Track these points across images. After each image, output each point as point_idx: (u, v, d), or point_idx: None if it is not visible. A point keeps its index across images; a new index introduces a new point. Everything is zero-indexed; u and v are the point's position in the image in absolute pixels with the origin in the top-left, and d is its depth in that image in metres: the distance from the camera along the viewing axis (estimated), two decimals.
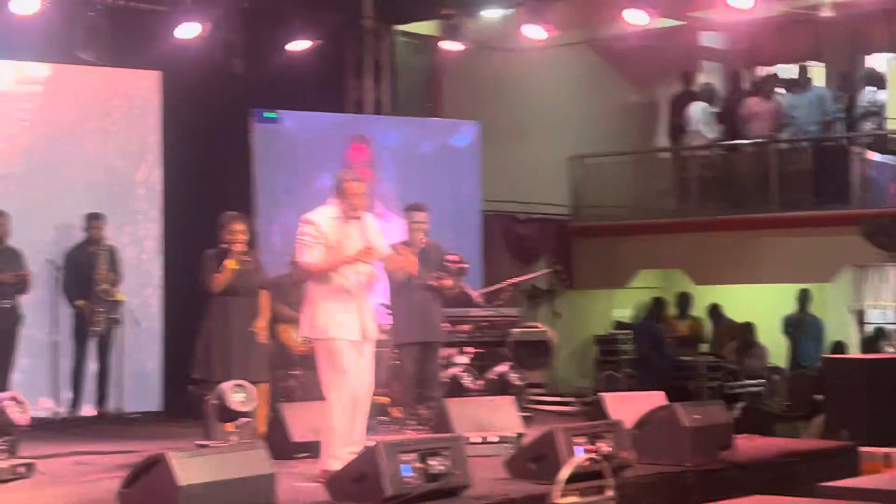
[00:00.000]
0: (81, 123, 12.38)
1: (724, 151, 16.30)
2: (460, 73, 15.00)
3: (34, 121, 12.14)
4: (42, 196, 12.05)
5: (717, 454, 8.28)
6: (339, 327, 7.43)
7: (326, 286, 7.47)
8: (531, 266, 15.60)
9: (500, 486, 7.16)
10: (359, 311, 7.50)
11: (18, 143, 12.09)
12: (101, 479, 7.67)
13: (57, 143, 12.23)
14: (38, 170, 12.10)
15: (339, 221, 7.54)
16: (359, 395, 7.54)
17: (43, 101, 12.23)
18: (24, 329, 11.25)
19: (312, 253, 7.44)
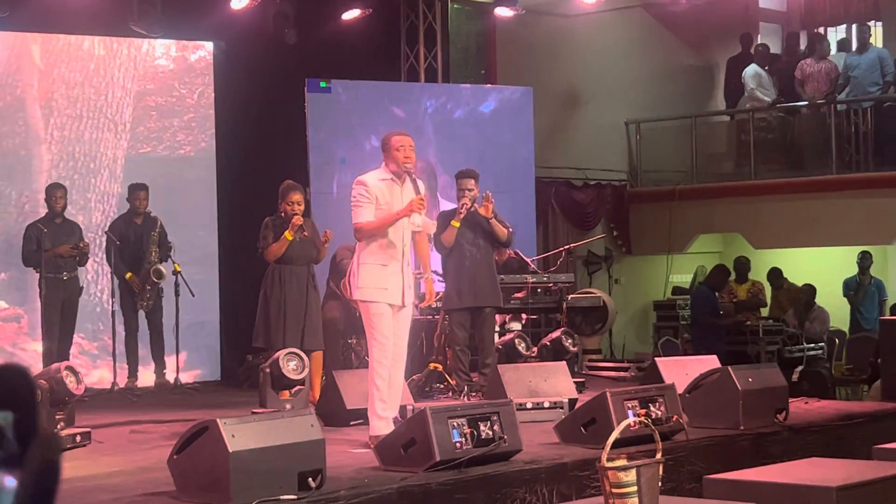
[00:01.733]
0: (134, 96, 12.47)
1: (781, 114, 16.11)
2: (514, 39, 14.96)
3: (86, 93, 12.25)
4: (95, 168, 12.19)
5: (771, 417, 8.21)
6: (383, 291, 7.49)
7: (374, 251, 7.52)
8: (588, 232, 15.56)
9: (550, 451, 7.15)
10: (401, 277, 7.54)
11: (71, 115, 12.21)
12: (156, 447, 7.75)
13: (109, 115, 12.35)
14: (92, 142, 12.23)
15: (388, 182, 7.60)
16: (395, 359, 7.61)
17: (96, 73, 12.33)
18: (83, 299, 11.39)
19: (364, 212, 7.50)
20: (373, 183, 7.56)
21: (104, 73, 12.48)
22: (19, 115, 12.09)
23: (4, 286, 11.79)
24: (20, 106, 12.09)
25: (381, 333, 7.49)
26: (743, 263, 15.01)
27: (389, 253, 7.53)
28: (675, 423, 7.42)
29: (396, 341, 7.60)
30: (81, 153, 12.36)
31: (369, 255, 7.55)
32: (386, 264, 7.51)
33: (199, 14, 12.05)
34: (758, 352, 13.69)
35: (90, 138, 12.41)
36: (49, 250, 10.88)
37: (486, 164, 12.85)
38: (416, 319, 11.42)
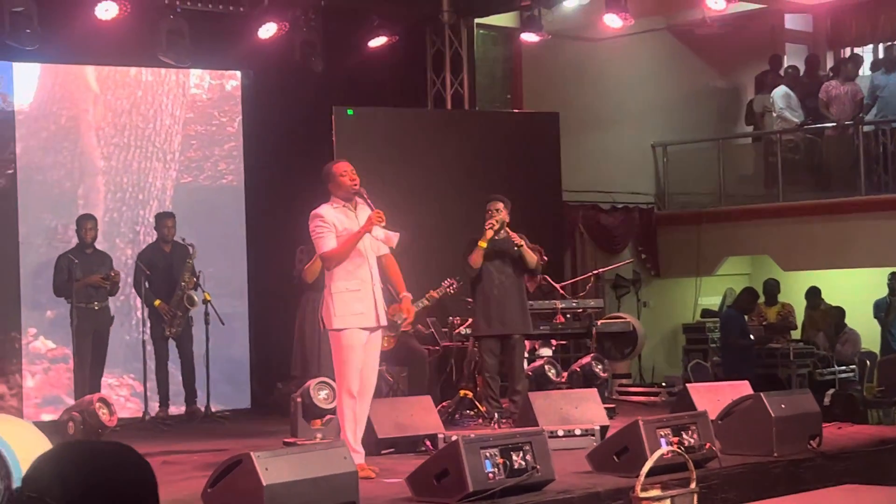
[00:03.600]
0: (152, 128, 12.53)
1: (809, 135, 16.08)
2: (540, 64, 14.99)
3: (134, 121, 12.33)
4: (101, 198, 12.24)
5: (804, 444, 8.18)
6: (360, 317, 7.63)
7: (343, 277, 7.65)
8: (616, 255, 15.54)
9: (583, 480, 7.14)
10: (373, 298, 7.67)
11: (119, 143, 12.30)
12: (189, 479, 7.76)
13: (137, 145, 12.42)
14: (120, 171, 12.30)
15: (341, 208, 7.76)
16: (366, 381, 7.75)
17: (143, 101, 12.41)
18: (115, 329, 11.43)
19: (327, 241, 7.65)
20: (327, 212, 7.72)
21: (152, 100, 12.56)
22: (64, 145, 12.14)
23: (51, 325, 11.64)
24: (64, 136, 12.13)
25: (350, 364, 7.60)
26: (772, 286, 14.97)
27: (358, 276, 7.67)
28: (707, 450, 7.41)
29: (367, 367, 7.72)
30: (130, 183, 12.42)
31: (339, 282, 7.67)
32: (358, 289, 7.65)
33: (227, 44, 12.12)
34: (788, 375, 13.65)
35: (138, 168, 12.48)
36: (80, 280, 10.92)
37: (513, 188, 12.86)
38: (446, 346, 11.48)
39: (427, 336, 11.69)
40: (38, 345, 11.70)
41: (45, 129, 12.06)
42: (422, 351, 10.96)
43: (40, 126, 12.04)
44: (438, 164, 13.13)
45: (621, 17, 12.84)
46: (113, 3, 10.96)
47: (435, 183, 13.11)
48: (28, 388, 11.70)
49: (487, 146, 13.38)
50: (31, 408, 11.48)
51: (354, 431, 7.66)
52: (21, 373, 11.68)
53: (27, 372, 11.74)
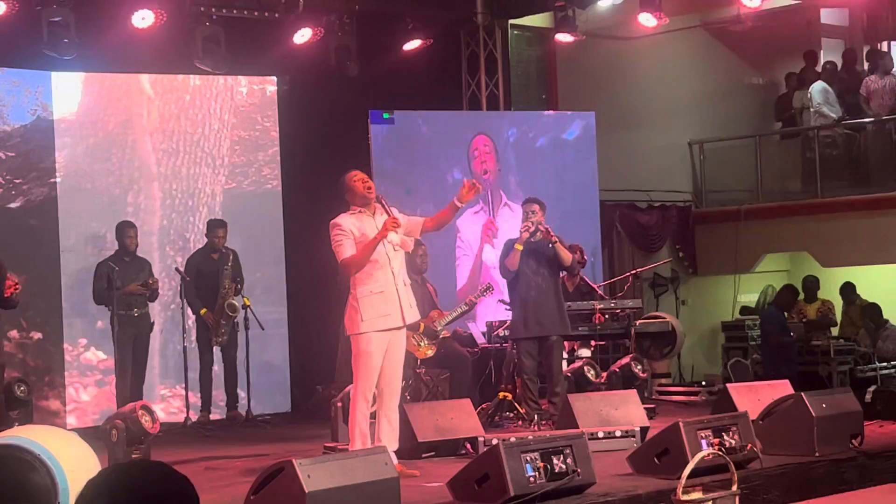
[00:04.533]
0: (200, 133, 12.60)
1: (847, 130, 15.98)
2: (574, 64, 14.96)
3: (154, 131, 12.40)
4: (150, 204, 12.32)
5: (846, 443, 8.14)
6: (386, 318, 7.76)
7: (366, 281, 7.76)
8: (654, 254, 15.51)
9: (624, 482, 7.14)
10: (398, 298, 7.79)
11: (167, 149, 12.40)
12: (232, 485, 7.82)
13: (177, 152, 12.49)
14: (153, 178, 12.37)
15: (358, 215, 7.88)
16: (391, 382, 7.87)
17: (174, 108, 12.48)
18: (155, 336, 11.49)
19: (345, 248, 7.77)
20: (345, 221, 7.86)
21: (200, 104, 12.64)
22: (112, 151, 12.22)
23: (103, 335, 11.51)
24: (111, 142, 12.20)
25: (367, 369, 7.73)
26: (812, 282, 14.89)
27: (381, 278, 7.78)
28: (749, 451, 7.38)
29: (392, 371, 7.84)
30: (179, 189, 12.51)
31: (364, 286, 7.79)
32: (382, 290, 7.77)
33: (262, 50, 12.17)
34: (829, 372, 13.57)
35: (188, 174, 12.56)
36: (120, 289, 10.98)
37: (549, 189, 12.87)
38: (485, 348, 11.50)
39: (466, 338, 11.72)
40: (89, 356, 11.71)
41: (91, 136, 12.13)
42: (463, 354, 10.97)
43: (87, 133, 12.10)
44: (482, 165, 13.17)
45: (656, 15, 12.82)
46: (149, 12, 11.04)
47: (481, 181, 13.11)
48: (84, 403, 11.67)
49: (522, 147, 13.39)
50: (90, 423, 11.30)
51: (364, 438, 7.76)
52: (73, 385, 11.73)
53: (79, 385, 11.77)
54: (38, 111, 11.81)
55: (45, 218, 11.75)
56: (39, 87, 11.80)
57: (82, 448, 5.40)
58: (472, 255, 12.98)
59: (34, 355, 11.60)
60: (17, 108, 11.72)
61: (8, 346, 11.22)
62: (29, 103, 11.79)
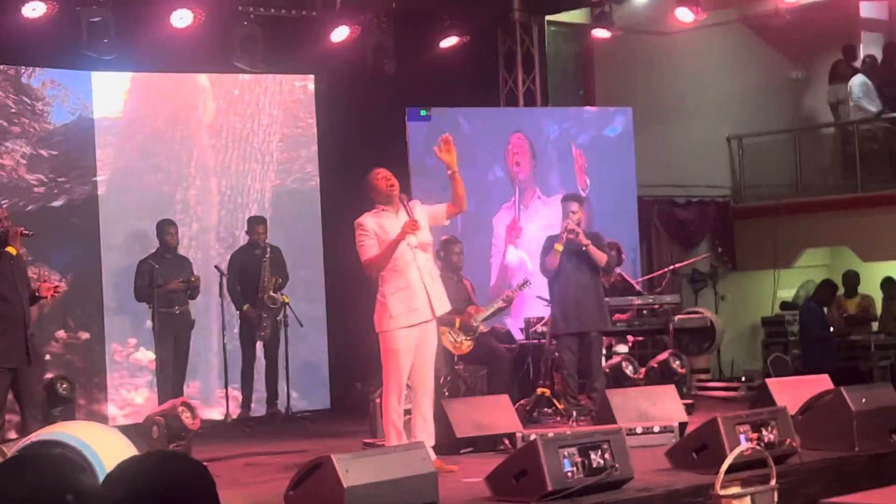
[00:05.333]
0: (231, 132, 12.66)
1: (887, 124, 15.88)
2: (612, 59, 14.95)
3: (187, 130, 12.48)
4: (199, 201, 12.40)
5: (886, 437, 8.10)
6: (415, 313, 7.80)
7: (392, 278, 7.82)
8: (692, 250, 15.47)
9: (662, 478, 7.14)
10: (425, 292, 7.83)
11: (216, 146, 12.47)
12: (271, 481, 7.87)
13: (226, 148, 12.56)
14: (202, 175, 12.45)
15: (381, 215, 7.96)
16: (425, 384, 7.92)
17: (240, 100, 12.54)
18: (196, 333, 11.56)
19: (368, 249, 7.87)
20: (367, 221, 7.96)
21: (249, 98, 12.71)
22: (160, 147, 12.32)
23: (150, 335, 11.33)
24: (159, 139, 12.30)
25: (397, 365, 7.77)
26: (852, 277, 14.82)
27: (406, 273, 7.82)
28: (788, 446, 7.36)
29: (422, 363, 7.88)
30: (227, 186, 12.59)
31: (390, 283, 7.85)
32: (409, 285, 7.81)
33: (299, 48, 12.23)
34: (870, 367, 13.50)
35: (237, 170, 12.65)
36: (161, 286, 11.06)
37: (589, 185, 12.88)
38: (523, 344, 11.51)
39: (504, 334, 11.74)
40: (138, 356, 11.74)
41: (139, 134, 12.21)
42: (501, 350, 10.99)
43: (133, 131, 12.19)
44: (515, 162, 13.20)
45: (693, 10, 12.79)
46: (188, 11, 11.13)
47: (513, 179, 13.15)
48: (138, 406, 11.65)
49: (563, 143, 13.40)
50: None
51: (398, 434, 7.80)
52: (125, 387, 11.81)
53: (130, 385, 11.85)
54: (79, 111, 11.92)
55: (87, 216, 11.84)
56: (80, 86, 11.90)
57: (122, 443, 5.46)
58: (501, 254, 13.01)
59: (82, 355, 11.67)
60: (58, 108, 11.83)
61: (56, 347, 11.33)
62: (70, 103, 11.89)
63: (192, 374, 11.65)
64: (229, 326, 11.69)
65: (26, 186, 11.55)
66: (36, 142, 11.66)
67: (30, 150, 11.62)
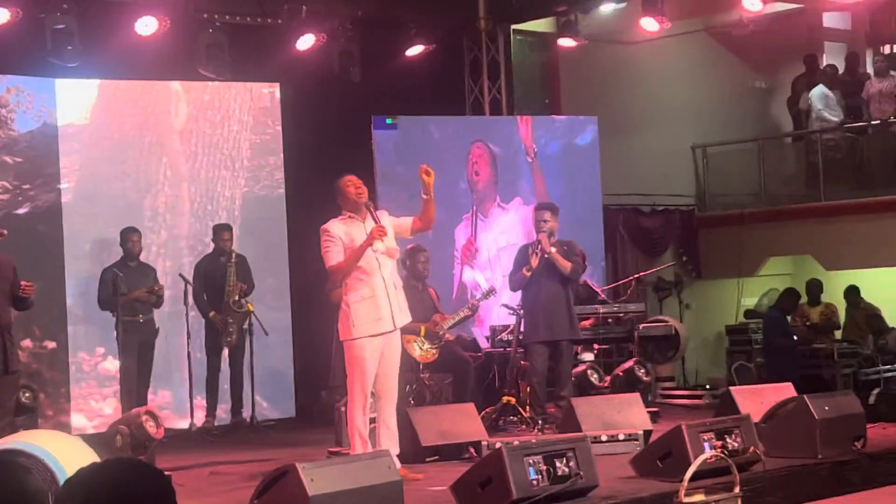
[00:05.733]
0: (201, 138, 12.62)
1: (850, 134, 15.99)
2: (577, 68, 14.99)
3: (157, 137, 12.43)
4: (168, 208, 12.36)
5: (849, 445, 8.16)
6: (378, 322, 7.81)
7: (356, 287, 7.83)
8: (657, 258, 15.52)
9: (627, 486, 7.16)
10: (388, 302, 7.84)
11: (185, 152, 12.42)
12: (236, 489, 7.85)
13: (179, 157, 12.51)
14: (166, 184, 12.40)
15: (348, 221, 7.96)
16: (388, 393, 7.93)
17: (210, 106, 12.51)
18: (159, 342, 11.50)
19: (333, 255, 7.87)
20: (334, 227, 7.95)
21: (219, 104, 12.68)
22: (128, 153, 12.27)
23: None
24: (127, 145, 12.25)
25: (361, 374, 7.78)
26: (815, 286, 14.90)
27: (371, 283, 7.83)
28: (751, 454, 7.39)
29: (387, 376, 7.89)
30: (197, 193, 12.55)
31: (354, 292, 7.85)
32: (372, 294, 7.82)
33: (265, 56, 12.22)
34: (833, 375, 13.57)
35: (206, 177, 12.60)
36: (125, 295, 11.00)
37: (553, 193, 12.91)
38: (488, 352, 11.52)
39: (469, 342, 11.75)
40: (107, 366, 11.63)
41: (106, 140, 12.16)
42: (466, 358, 10.99)
43: (98, 138, 12.14)
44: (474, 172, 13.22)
45: (658, 20, 12.85)
46: (153, 19, 11.10)
47: (471, 189, 13.18)
48: (108, 416, 11.42)
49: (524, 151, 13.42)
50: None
51: (363, 442, 7.80)
52: (93, 397, 11.74)
53: (98, 395, 11.77)
54: (43, 117, 11.86)
55: (52, 224, 11.78)
56: (44, 93, 11.84)
57: (84, 451, 5.43)
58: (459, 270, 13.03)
59: (48, 364, 11.61)
60: (22, 115, 11.76)
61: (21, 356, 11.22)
62: (34, 110, 11.83)
63: (156, 383, 11.59)
64: (194, 335, 11.63)
65: None
66: (0, 148, 11.59)
67: None
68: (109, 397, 11.69)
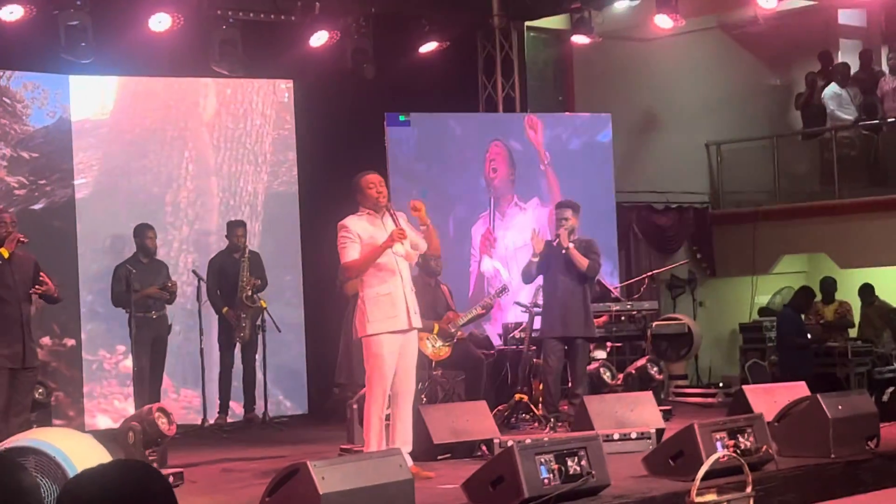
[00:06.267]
0: (217, 135, 12.63)
1: (864, 131, 15.94)
2: (591, 65, 14.97)
3: (172, 133, 12.44)
4: (185, 206, 12.38)
5: (862, 445, 8.13)
6: (394, 320, 7.80)
7: (373, 283, 7.82)
8: (671, 256, 15.49)
9: (639, 485, 7.14)
10: (405, 302, 7.83)
11: (160, 157, 12.41)
12: (248, 486, 7.86)
13: (194, 154, 12.52)
14: (181, 180, 12.42)
15: (367, 219, 7.93)
16: (404, 391, 7.90)
17: (179, 113, 12.51)
18: (172, 338, 11.51)
19: (350, 252, 7.84)
20: (353, 223, 7.92)
21: (241, 98, 12.69)
22: (149, 148, 12.29)
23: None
24: (140, 141, 12.28)
25: (380, 371, 7.77)
26: (829, 284, 14.86)
27: (388, 280, 7.83)
28: (764, 453, 7.37)
29: (404, 374, 7.88)
30: (219, 188, 12.55)
31: (371, 288, 7.84)
32: (389, 291, 7.82)
33: (278, 53, 12.21)
34: (847, 374, 13.54)
35: (228, 172, 12.61)
36: (138, 292, 11.01)
37: (566, 191, 12.88)
38: (501, 350, 11.51)
39: (482, 340, 11.74)
40: (128, 364, 11.52)
41: (128, 133, 12.20)
42: (479, 356, 11.00)
43: (116, 134, 12.16)
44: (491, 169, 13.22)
45: (672, 17, 12.80)
46: (166, 15, 11.10)
47: (488, 186, 13.17)
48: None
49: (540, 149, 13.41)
50: None
51: (379, 439, 7.79)
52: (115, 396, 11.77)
53: (120, 395, 11.79)
54: (58, 113, 11.88)
55: (67, 219, 11.80)
56: (58, 90, 11.86)
57: (95, 448, 5.44)
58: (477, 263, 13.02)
59: (67, 362, 11.65)
60: (37, 111, 11.80)
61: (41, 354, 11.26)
62: (49, 106, 11.86)
63: (173, 380, 11.61)
64: (207, 331, 11.64)
65: (6, 189, 11.51)
66: (16, 144, 11.63)
67: (10, 151, 11.58)
68: (131, 396, 11.68)
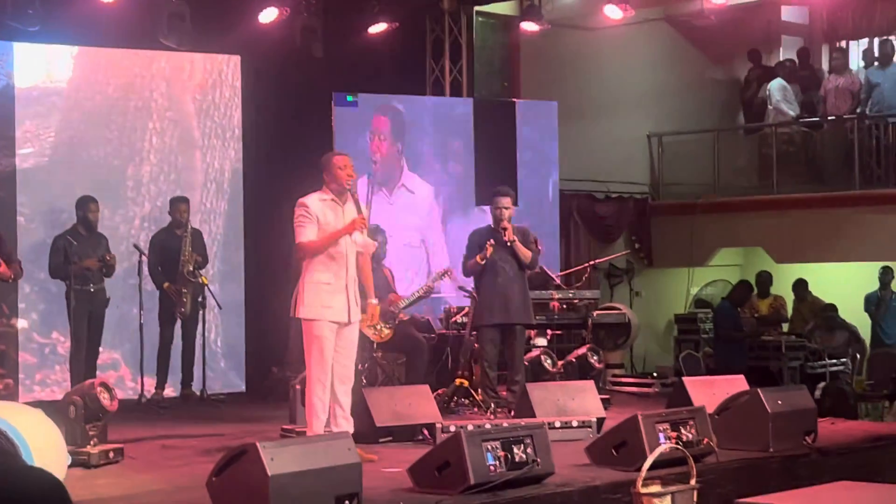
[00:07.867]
0: (161, 109, 12.51)
1: (804, 128, 16.12)
2: (538, 53, 15.00)
3: (114, 106, 12.29)
4: (128, 181, 12.25)
5: (800, 440, 8.24)
6: (328, 310, 7.74)
7: (318, 269, 7.77)
8: (610, 245, 15.59)
9: (582, 473, 7.19)
10: (346, 294, 7.79)
11: (102, 129, 12.27)
12: (190, 464, 7.82)
13: (138, 129, 12.39)
14: (123, 155, 12.28)
15: (329, 202, 7.86)
16: (343, 375, 7.85)
17: (124, 86, 12.38)
18: (111, 312, 11.40)
19: (307, 231, 7.77)
20: (313, 203, 7.82)
21: (210, 67, 12.56)
22: (112, 118, 12.13)
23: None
24: (111, 109, 12.14)
25: (320, 353, 7.73)
26: (765, 278, 15.03)
27: (334, 271, 7.77)
28: (705, 445, 7.45)
29: (343, 359, 7.85)
30: (184, 165, 12.43)
31: (314, 274, 7.79)
32: (330, 282, 7.76)
33: (226, 28, 12.10)
34: (780, 367, 13.70)
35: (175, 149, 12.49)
36: (76, 263, 10.89)
37: (510, 177, 12.92)
38: (442, 334, 11.53)
39: (423, 324, 11.75)
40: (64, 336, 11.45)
41: (89, 101, 12.04)
42: (420, 339, 11.01)
43: (84, 98, 12.01)
44: (434, 152, 13.23)
45: (621, 7, 12.89)
46: None
47: (430, 170, 13.18)
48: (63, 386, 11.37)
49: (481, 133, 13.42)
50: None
51: (321, 423, 7.77)
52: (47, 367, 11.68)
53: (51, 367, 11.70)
54: (2, 81, 11.69)
55: (9, 190, 11.65)
56: (3, 57, 11.67)
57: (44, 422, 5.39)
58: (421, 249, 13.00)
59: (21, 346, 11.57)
60: None
61: None
62: None
63: (108, 353, 11.51)
64: (147, 306, 11.53)
65: None
66: None
67: None
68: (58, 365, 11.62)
